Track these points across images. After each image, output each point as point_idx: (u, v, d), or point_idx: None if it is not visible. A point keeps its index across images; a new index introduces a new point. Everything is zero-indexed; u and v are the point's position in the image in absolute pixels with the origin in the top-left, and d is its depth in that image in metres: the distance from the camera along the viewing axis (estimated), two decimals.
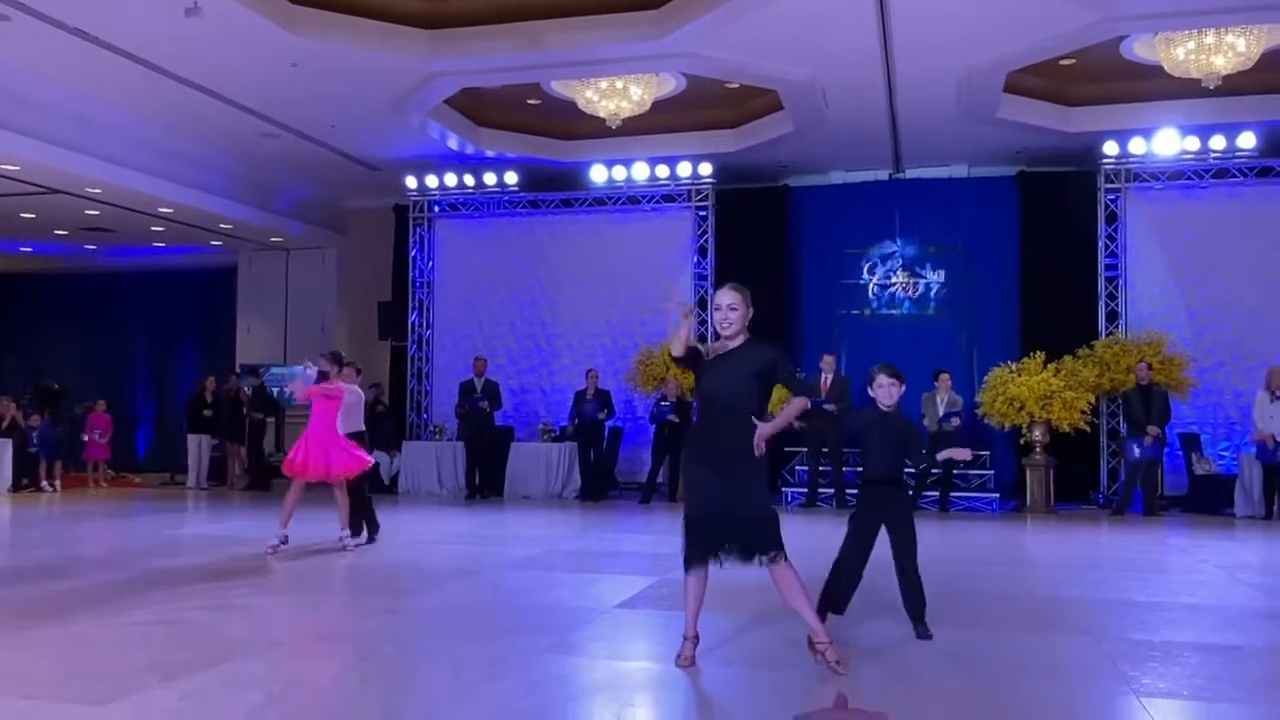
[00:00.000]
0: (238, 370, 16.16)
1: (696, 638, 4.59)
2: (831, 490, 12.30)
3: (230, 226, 15.42)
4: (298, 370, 11.53)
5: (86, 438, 15.33)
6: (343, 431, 8.59)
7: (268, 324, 17.31)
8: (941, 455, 5.57)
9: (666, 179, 14.27)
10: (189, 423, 15.38)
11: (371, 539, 8.75)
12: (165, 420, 18.82)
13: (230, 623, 5.58)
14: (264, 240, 16.47)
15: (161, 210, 14.33)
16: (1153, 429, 11.78)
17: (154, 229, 15.64)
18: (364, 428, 9.00)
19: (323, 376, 8.87)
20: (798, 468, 13.10)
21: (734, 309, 4.60)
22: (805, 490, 12.54)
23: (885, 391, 5.19)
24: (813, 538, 7.54)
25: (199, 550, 8.59)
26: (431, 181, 14.88)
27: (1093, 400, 12.13)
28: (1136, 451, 11.90)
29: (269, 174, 14.75)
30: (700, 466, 4.52)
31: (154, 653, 4.80)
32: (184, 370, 18.76)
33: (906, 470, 6.66)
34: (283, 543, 8.18)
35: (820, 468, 12.43)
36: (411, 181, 14.91)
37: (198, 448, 15.26)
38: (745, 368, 4.51)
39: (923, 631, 5.14)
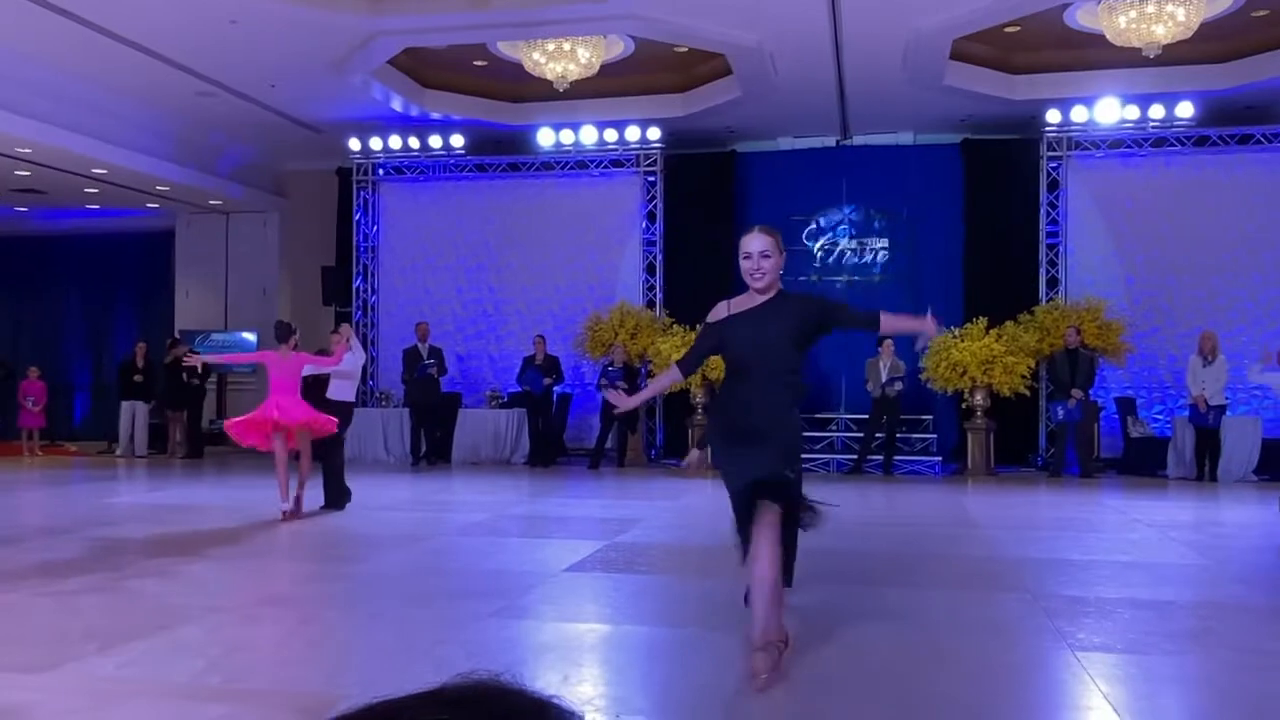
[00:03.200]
0: (177, 335, 15.82)
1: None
2: (880, 457, 12.47)
3: (167, 189, 15.03)
4: (237, 336, 11.38)
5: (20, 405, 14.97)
6: (333, 398, 8.60)
7: (207, 289, 16.95)
8: None
9: (615, 143, 14.16)
10: (121, 389, 15.05)
11: (336, 506, 8.62)
12: (101, 387, 18.38)
13: (170, 590, 5.50)
14: (202, 203, 16.08)
15: (95, 171, 13.92)
16: (1076, 392, 12.04)
17: (88, 190, 15.18)
18: (353, 399, 8.92)
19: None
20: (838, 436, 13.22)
21: (766, 256, 3.90)
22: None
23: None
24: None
25: (138, 519, 8.44)
26: (375, 144, 14.62)
27: (1032, 365, 12.35)
28: (1060, 413, 12.18)
29: (207, 135, 14.38)
30: (733, 444, 3.93)
31: (91, 620, 4.72)
32: (121, 336, 18.31)
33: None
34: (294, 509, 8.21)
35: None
36: (355, 144, 14.62)
37: (130, 415, 14.94)
38: (782, 324, 3.89)
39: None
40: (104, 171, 13.94)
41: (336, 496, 8.62)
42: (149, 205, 16.18)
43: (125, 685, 3.76)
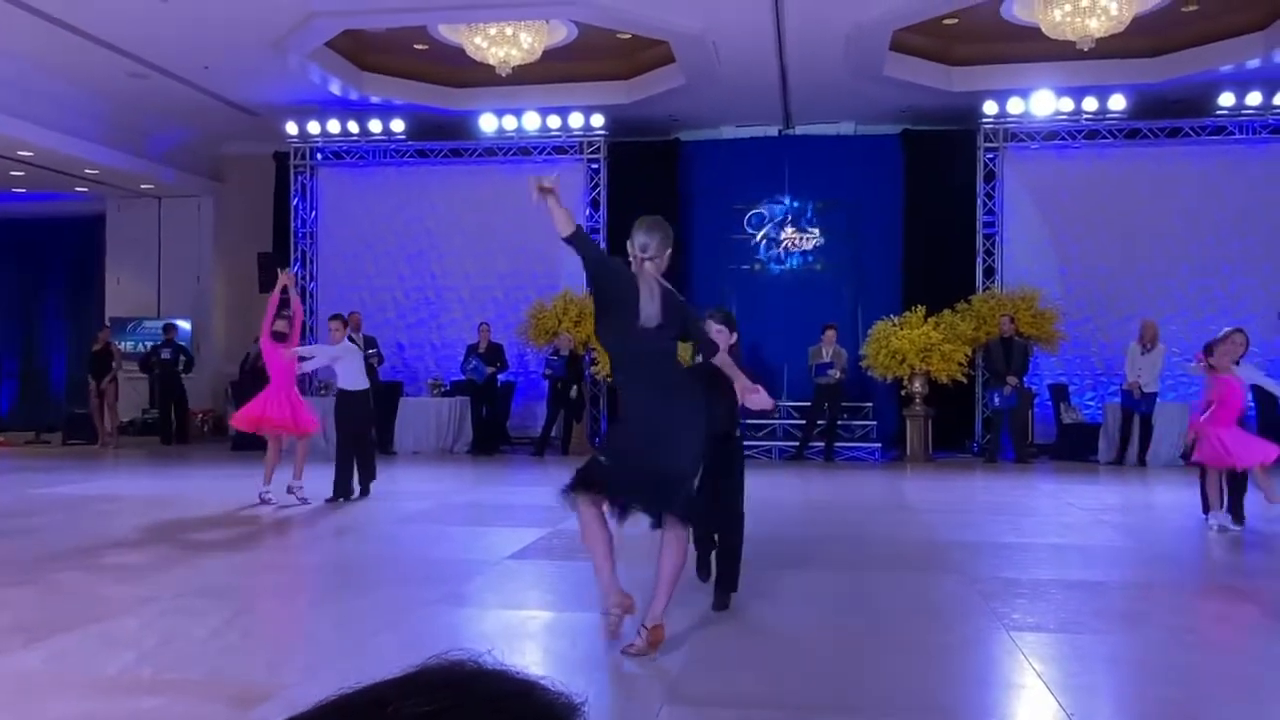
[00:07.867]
0: (107, 323, 15.42)
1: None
2: (821, 444, 12.62)
3: (97, 172, 14.61)
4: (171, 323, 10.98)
5: None
6: (343, 387, 8.77)
7: (139, 275, 16.52)
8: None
9: (558, 130, 14.07)
10: None
11: (363, 493, 8.71)
12: (30, 376, 17.90)
13: (101, 582, 5.37)
14: (134, 187, 15.67)
15: (21, 153, 13.48)
16: (1011, 379, 12.28)
17: (13, 174, 14.71)
18: (367, 385, 8.98)
19: (279, 337, 8.77)
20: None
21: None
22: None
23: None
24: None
25: (68, 510, 8.21)
26: (314, 128, 14.34)
27: (969, 353, 12.56)
28: (996, 400, 12.42)
29: (139, 117, 13.98)
30: None
31: (19, 614, 4.59)
32: (50, 324, 17.81)
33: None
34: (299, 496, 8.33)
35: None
36: (292, 127, 14.33)
37: None
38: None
39: (722, 600, 4.71)
40: (30, 154, 13.52)
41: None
42: (78, 189, 15.73)
43: (53, 678, 3.66)
